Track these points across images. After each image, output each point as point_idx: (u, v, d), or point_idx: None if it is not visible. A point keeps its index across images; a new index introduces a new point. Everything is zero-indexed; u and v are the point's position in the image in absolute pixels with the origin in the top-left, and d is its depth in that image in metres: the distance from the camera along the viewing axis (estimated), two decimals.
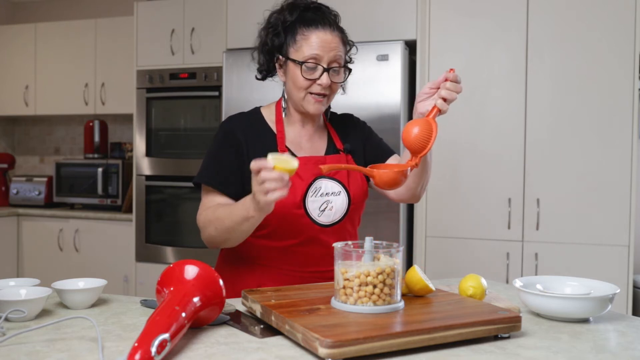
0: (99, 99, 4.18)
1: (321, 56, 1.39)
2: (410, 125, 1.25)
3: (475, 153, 2.84)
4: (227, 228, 1.33)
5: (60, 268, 4.04)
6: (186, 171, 3.67)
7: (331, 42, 1.41)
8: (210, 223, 1.38)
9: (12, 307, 1.10)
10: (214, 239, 1.40)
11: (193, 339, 1.03)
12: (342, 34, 1.46)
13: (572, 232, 2.70)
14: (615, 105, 2.64)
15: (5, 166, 4.50)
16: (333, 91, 1.46)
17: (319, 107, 1.44)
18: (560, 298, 1.16)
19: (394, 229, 2.83)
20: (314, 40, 1.40)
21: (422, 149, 1.24)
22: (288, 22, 1.43)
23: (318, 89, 1.41)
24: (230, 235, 1.35)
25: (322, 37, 1.40)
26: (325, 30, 1.41)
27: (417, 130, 1.24)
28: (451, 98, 1.28)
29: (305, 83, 1.41)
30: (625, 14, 2.62)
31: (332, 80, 1.42)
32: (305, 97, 1.43)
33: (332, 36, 1.41)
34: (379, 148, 1.61)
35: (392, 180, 1.24)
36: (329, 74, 1.40)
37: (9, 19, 4.88)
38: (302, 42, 1.41)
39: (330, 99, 1.47)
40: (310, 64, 1.39)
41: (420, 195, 1.56)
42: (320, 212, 1.43)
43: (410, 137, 1.24)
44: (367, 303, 1.07)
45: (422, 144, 1.24)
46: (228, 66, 3.17)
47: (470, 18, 2.84)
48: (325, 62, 1.40)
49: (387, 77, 2.84)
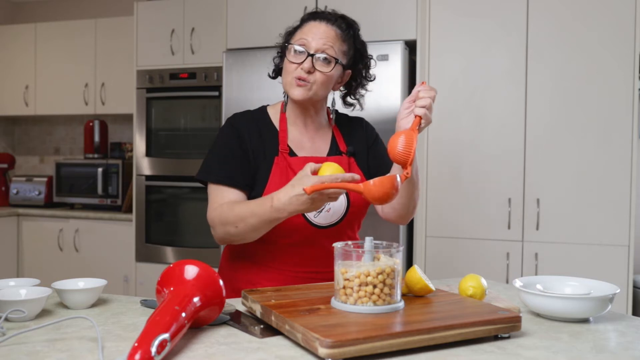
0: (99, 99, 4.18)
1: (309, 42, 1.42)
2: (392, 139, 1.26)
3: (475, 153, 2.84)
4: (253, 226, 1.33)
5: (60, 268, 4.04)
6: (186, 171, 3.67)
7: (324, 32, 1.43)
8: (229, 222, 1.37)
9: (12, 307, 1.10)
10: (233, 237, 1.39)
11: (193, 339, 1.03)
12: (344, 32, 1.46)
13: (572, 232, 2.71)
14: (615, 105, 2.64)
15: (5, 166, 4.50)
16: (318, 82, 1.43)
17: (300, 91, 1.43)
18: (560, 298, 1.16)
19: (394, 229, 2.83)
20: (307, 27, 1.45)
21: (406, 161, 1.24)
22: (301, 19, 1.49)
23: (300, 73, 1.42)
24: (255, 233, 1.36)
25: (317, 27, 1.44)
26: (322, 22, 1.45)
27: (397, 143, 1.24)
28: (427, 104, 1.30)
29: (291, 66, 1.43)
30: (625, 14, 2.62)
31: (317, 68, 1.42)
32: (291, 81, 1.44)
33: (327, 28, 1.44)
34: (382, 159, 1.58)
35: (382, 194, 1.19)
36: (313, 60, 1.41)
37: (9, 19, 4.87)
38: (298, 31, 1.47)
39: (315, 88, 1.44)
40: (298, 47, 1.42)
41: (408, 217, 1.54)
42: (317, 213, 1.43)
43: (393, 150, 1.24)
44: (367, 303, 1.07)
45: (405, 156, 1.24)
46: (228, 66, 3.17)
47: (470, 18, 2.84)
48: (312, 49, 1.42)
49: (387, 77, 2.84)
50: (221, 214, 1.38)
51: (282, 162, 1.45)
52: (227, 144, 1.47)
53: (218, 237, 1.43)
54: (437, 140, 2.89)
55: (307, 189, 1.19)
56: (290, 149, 1.48)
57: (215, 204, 1.42)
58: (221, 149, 1.47)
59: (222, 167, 1.44)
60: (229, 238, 1.40)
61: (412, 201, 1.50)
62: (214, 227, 1.41)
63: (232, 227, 1.36)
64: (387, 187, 1.18)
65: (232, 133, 1.48)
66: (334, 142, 1.55)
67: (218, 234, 1.42)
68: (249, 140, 1.46)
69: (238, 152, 1.45)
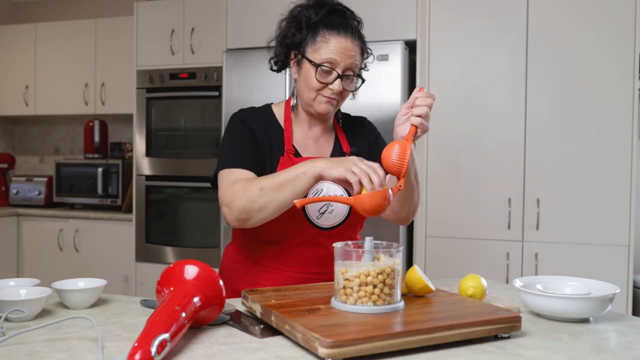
0: (99, 99, 4.18)
1: (338, 62, 1.38)
2: (386, 150, 1.24)
3: (475, 153, 2.84)
4: (280, 183, 1.27)
5: (60, 268, 4.04)
6: (186, 171, 3.67)
7: (350, 50, 1.39)
8: (254, 184, 1.30)
9: (12, 307, 1.10)
10: (254, 202, 1.29)
11: (193, 339, 1.03)
12: (363, 43, 1.45)
13: (572, 232, 2.71)
14: (615, 105, 2.64)
15: (5, 166, 4.50)
16: (343, 97, 1.45)
17: (328, 107, 1.43)
18: (560, 298, 1.16)
19: (394, 229, 2.83)
20: (333, 44, 1.38)
21: (400, 172, 1.22)
22: (312, 20, 1.41)
23: (329, 93, 1.41)
24: (277, 195, 1.27)
25: (343, 44, 1.39)
26: (347, 37, 1.39)
27: (391, 153, 1.22)
28: (423, 112, 1.27)
29: (318, 85, 1.40)
30: (625, 14, 2.62)
31: (344, 88, 1.41)
32: (317, 97, 1.42)
33: (353, 44, 1.40)
34: None
35: (373, 206, 1.17)
36: (342, 81, 1.40)
37: (9, 19, 4.87)
38: (321, 44, 1.39)
39: (340, 104, 1.47)
40: (326, 68, 1.38)
41: (409, 219, 1.53)
42: (319, 214, 1.42)
43: (387, 161, 1.22)
44: (367, 303, 1.07)
45: (398, 168, 1.22)
46: (228, 66, 3.17)
47: (470, 18, 2.84)
48: (341, 69, 1.39)
49: (387, 77, 2.84)
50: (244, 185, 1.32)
51: (287, 163, 1.44)
52: (238, 133, 1.44)
53: (234, 213, 1.32)
54: (437, 141, 2.89)
55: (296, 203, 1.18)
56: (295, 150, 1.47)
57: (231, 182, 1.35)
58: (233, 139, 1.44)
59: (236, 154, 1.41)
60: (248, 208, 1.30)
61: (412, 204, 1.49)
62: (231, 203, 1.32)
63: (257, 189, 1.28)
64: (378, 200, 1.17)
65: (242, 125, 1.46)
66: (337, 143, 1.54)
67: (235, 208, 1.31)
68: (257, 133, 1.45)
69: (250, 141, 1.43)
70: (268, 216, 1.31)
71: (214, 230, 3.53)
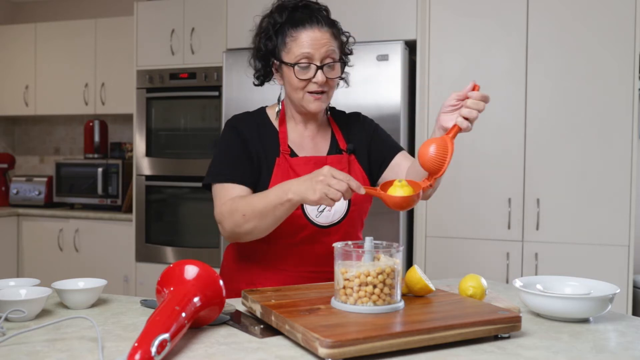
0: (99, 99, 4.18)
1: (312, 54, 1.39)
2: (426, 145, 1.22)
3: (475, 153, 2.84)
4: (260, 212, 1.29)
5: (60, 268, 4.04)
6: (186, 171, 3.67)
7: (321, 38, 1.39)
8: (237, 210, 1.32)
9: (12, 307, 1.10)
10: (240, 227, 1.33)
11: (193, 339, 1.03)
12: (333, 28, 1.44)
13: (572, 232, 2.70)
14: (615, 105, 2.64)
15: (5, 166, 4.50)
16: (331, 87, 1.45)
17: (319, 104, 1.43)
18: (560, 298, 1.16)
19: (394, 229, 2.83)
20: (302, 39, 1.39)
21: (438, 170, 1.21)
22: (278, 25, 1.42)
23: (314, 87, 1.41)
24: (260, 222, 1.30)
25: (311, 35, 1.39)
26: (313, 28, 1.40)
27: (432, 151, 1.21)
28: (472, 117, 1.26)
29: (301, 83, 1.40)
30: (625, 14, 2.62)
31: (328, 76, 1.41)
32: (304, 96, 1.42)
33: (322, 32, 1.40)
34: (385, 145, 1.57)
35: (405, 202, 1.19)
36: (323, 71, 1.40)
37: (9, 19, 4.87)
38: (291, 44, 1.40)
39: (330, 94, 1.46)
40: (303, 64, 1.39)
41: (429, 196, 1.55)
42: (318, 212, 1.43)
43: (425, 157, 1.22)
44: (367, 303, 1.07)
45: (437, 165, 1.21)
46: (228, 66, 3.17)
47: (470, 18, 2.84)
48: (318, 60, 1.39)
49: (387, 77, 2.84)
50: (231, 205, 1.35)
51: (284, 163, 1.45)
52: (230, 145, 1.46)
53: (226, 232, 1.38)
54: None
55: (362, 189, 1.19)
56: (291, 150, 1.48)
57: (223, 199, 1.39)
58: (225, 151, 1.46)
59: (227, 167, 1.43)
60: (236, 229, 1.34)
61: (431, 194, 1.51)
62: (222, 222, 1.37)
63: (240, 216, 1.31)
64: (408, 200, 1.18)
65: (234, 135, 1.47)
66: (333, 140, 1.54)
67: (226, 229, 1.37)
68: (250, 141, 1.46)
69: (241, 153, 1.44)
70: (258, 236, 1.36)
71: (214, 230, 3.52)
